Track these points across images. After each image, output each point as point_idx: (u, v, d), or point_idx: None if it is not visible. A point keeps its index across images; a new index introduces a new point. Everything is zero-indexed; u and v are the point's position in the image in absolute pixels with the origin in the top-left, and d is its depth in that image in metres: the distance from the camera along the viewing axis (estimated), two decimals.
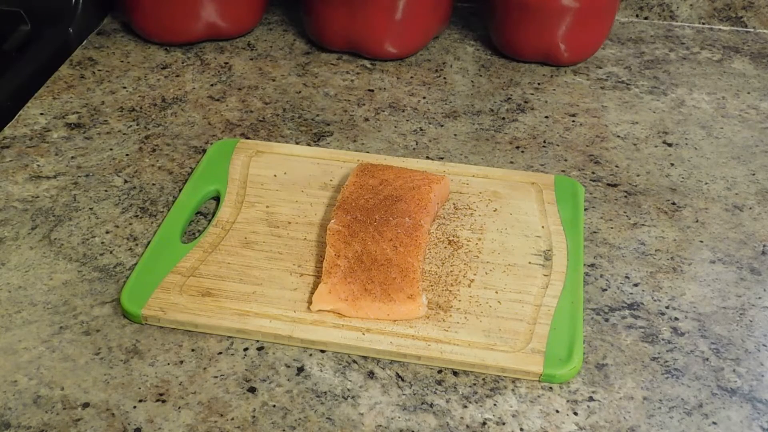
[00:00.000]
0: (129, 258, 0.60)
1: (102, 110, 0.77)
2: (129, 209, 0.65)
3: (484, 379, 0.51)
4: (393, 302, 0.54)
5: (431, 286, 0.57)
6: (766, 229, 0.65)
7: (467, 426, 0.48)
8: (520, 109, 0.80)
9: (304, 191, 0.66)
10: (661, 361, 0.53)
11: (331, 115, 0.78)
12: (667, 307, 0.57)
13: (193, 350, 0.53)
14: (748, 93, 0.83)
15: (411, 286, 0.54)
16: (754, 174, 0.71)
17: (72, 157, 0.70)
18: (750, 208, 0.67)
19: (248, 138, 0.74)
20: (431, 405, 0.50)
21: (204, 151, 0.72)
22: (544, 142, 0.75)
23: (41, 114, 0.76)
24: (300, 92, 0.81)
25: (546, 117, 0.78)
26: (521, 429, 0.48)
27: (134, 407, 0.49)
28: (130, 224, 0.63)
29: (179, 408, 0.49)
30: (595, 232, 0.64)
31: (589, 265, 0.60)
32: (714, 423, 0.49)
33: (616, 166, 0.71)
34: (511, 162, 0.72)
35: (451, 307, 0.55)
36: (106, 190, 0.67)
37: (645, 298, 0.58)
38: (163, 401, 0.49)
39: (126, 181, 0.68)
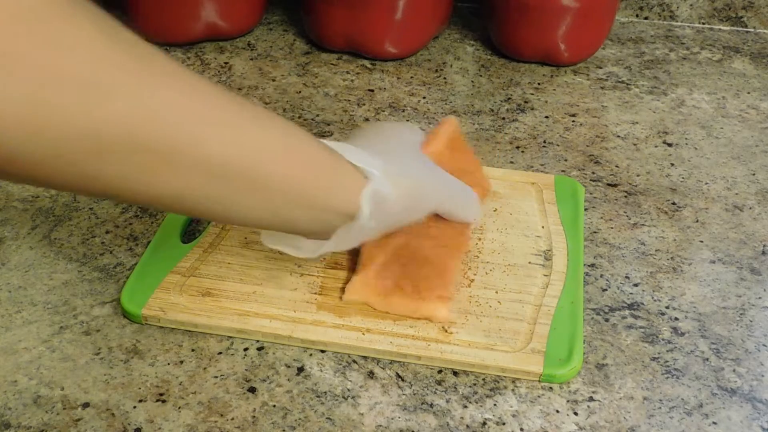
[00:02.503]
0: (129, 258, 0.60)
1: None
2: (129, 209, 0.65)
3: (484, 379, 0.51)
4: (422, 300, 0.53)
5: None
6: (766, 229, 0.65)
7: (467, 426, 0.48)
8: (520, 109, 0.80)
9: None
10: (661, 361, 0.53)
11: (331, 115, 0.78)
12: (667, 307, 0.57)
13: (193, 350, 0.53)
14: (748, 93, 0.83)
15: (444, 287, 0.54)
16: (754, 174, 0.71)
17: None
18: (750, 208, 0.67)
19: None
20: (431, 405, 0.50)
21: None
22: (544, 142, 0.75)
23: None
24: (300, 92, 0.81)
25: (546, 117, 0.78)
26: (521, 429, 0.48)
27: (134, 407, 0.49)
28: (130, 224, 0.63)
29: (179, 408, 0.49)
30: (595, 232, 0.64)
31: (589, 265, 0.60)
32: (714, 423, 0.49)
33: (616, 166, 0.71)
34: (511, 162, 0.72)
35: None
36: None
37: (645, 298, 0.58)
38: (163, 401, 0.49)
39: None
